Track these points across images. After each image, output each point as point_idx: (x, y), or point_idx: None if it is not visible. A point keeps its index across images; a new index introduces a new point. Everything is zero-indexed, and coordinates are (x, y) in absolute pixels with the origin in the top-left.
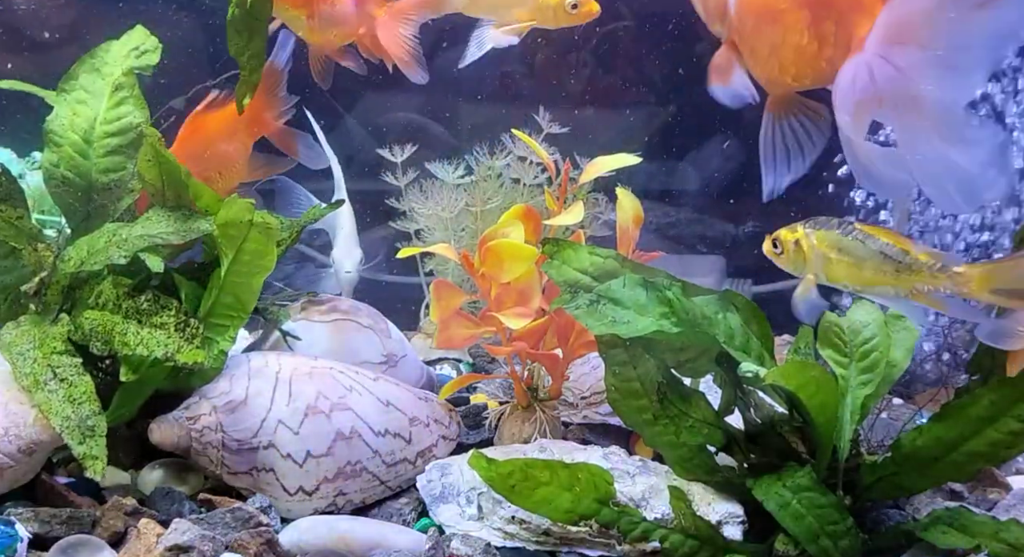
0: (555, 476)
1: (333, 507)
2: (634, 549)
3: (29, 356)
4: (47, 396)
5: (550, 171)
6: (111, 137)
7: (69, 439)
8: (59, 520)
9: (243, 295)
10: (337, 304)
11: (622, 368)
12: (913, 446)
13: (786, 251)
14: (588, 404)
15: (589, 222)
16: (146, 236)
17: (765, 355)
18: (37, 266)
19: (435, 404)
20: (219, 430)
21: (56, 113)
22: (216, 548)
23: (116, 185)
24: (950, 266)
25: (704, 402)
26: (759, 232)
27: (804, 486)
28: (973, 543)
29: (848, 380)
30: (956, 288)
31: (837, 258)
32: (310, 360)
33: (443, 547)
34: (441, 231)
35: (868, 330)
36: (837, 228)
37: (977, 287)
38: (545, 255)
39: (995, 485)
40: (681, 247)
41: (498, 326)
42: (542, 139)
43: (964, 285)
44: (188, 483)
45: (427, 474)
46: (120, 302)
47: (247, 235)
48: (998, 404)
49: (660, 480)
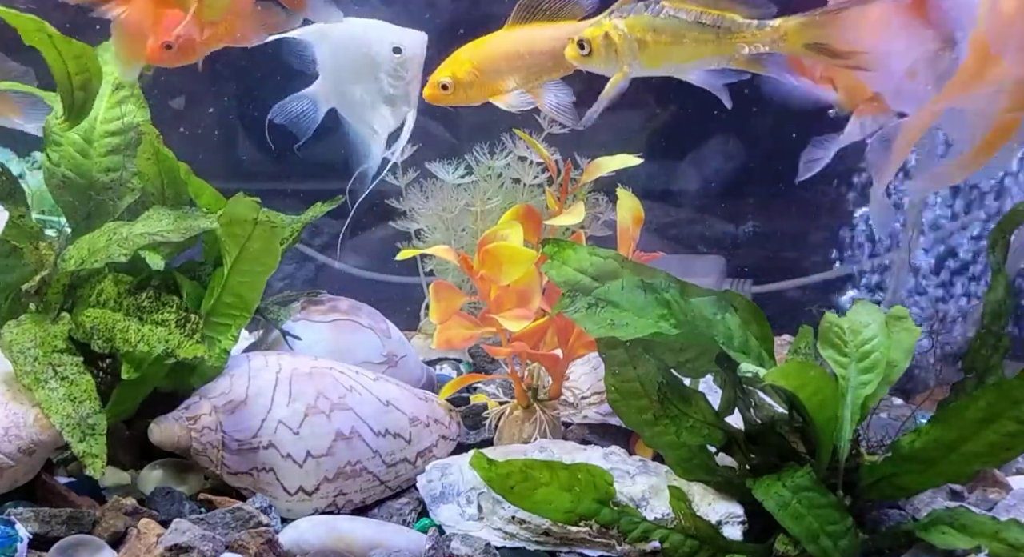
0: (555, 476)
1: (333, 507)
2: (634, 549)
3: (30, 354)
4: (48, 394)
5: (551, 171)
6: (111, 136)
7: (69, 437)
8: (59, 520)
9: (246, 294)
10: (337, 304)
11: (622, 368)
12: (912, 448)
13: (595, 48)
14: (588, 404)
15: (589, 222)
16: (147, 234)
17: (764, 355)
18: (38, 265)
19: (435, 404)
20: (219, 430)
21: (56, 113)
22: (216, 548)
23: (117, 184)
24: (766, 22)
25: (704, 402)
26: (759, 232)
27: (804, 486)
28: (973, 543)
29: (848, 380)
30: (774, 43)
31: (654, 39)
32: (310, 360)
33: (443, 547)
34: (441, 231)
35: (868, 330)
36: (645, 11)
37: (792, 41)
38: (545, 255)
39: (995, 485)
40: (681, 247)
41: (498, 327)
42: (542, 139)
43: (781, 39)
44: (188, 483)
45: (427, 474)
46: (121, 300)
47: (251, 233)
48: (995, 406)
49: (660, 480)
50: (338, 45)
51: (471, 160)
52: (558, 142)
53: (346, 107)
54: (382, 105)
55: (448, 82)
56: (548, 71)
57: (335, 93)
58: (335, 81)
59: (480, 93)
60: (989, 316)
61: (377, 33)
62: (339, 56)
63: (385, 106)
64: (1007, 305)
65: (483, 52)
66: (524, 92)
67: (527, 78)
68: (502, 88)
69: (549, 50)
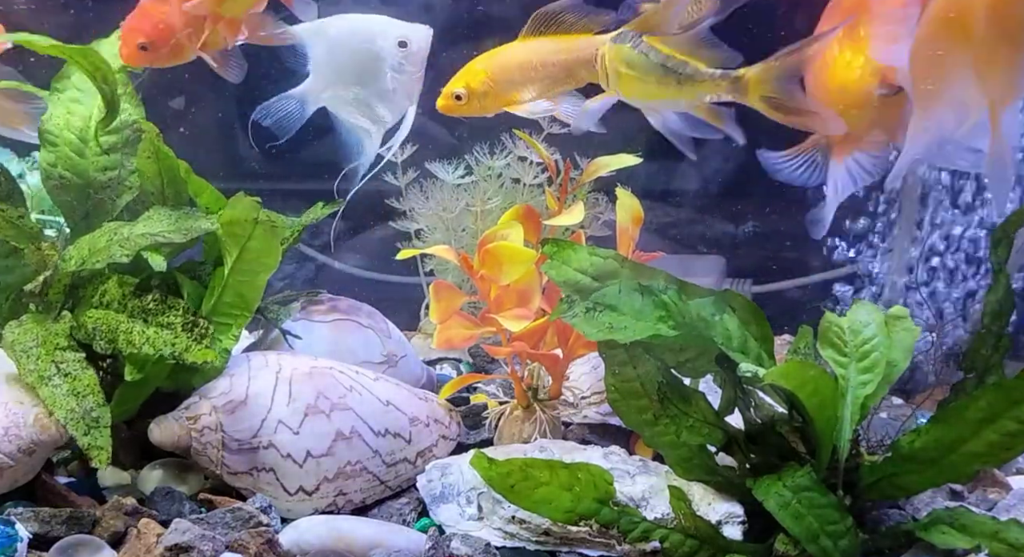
0: (555, 476)
1: (333, 507)
2: (634, 549)
3: (33, 353)
4: (51, 391)
5: (551, 170)
6: (107, 135)
7: (74, 430)
8: (59, 520)
9: (247, 293)
10: (337, 304)
11: (622, 368)
12: (912, 447)
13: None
14: (588, 404)
15: (589, 222)
16: (148, 235)
17: (764, 356)
18: (39, 265)
19: (435, 404)
20: (219, 430)
21: (51, 113)
22: (216, 548)
23: (114, 183)
24: (729, 73)
25: (704, 402)
26: (759, 232)
27: (804, 486)
28: (973, 543)
29: (848, 380)
30: (735, 94)
31: (627, 73)
32: (310, 360)
33: (443, 547)
34: (441, 231)
35: (868, 330)
36: (629, 41)
37: (752, 92)
38: (545, 255)
39: (995, 485)
40: (681, 247)
41: (498, 327)
42: (542, 139)
43: (743, 90)
44: (188, 483)
45: (427, 474)
46: (125, 301)
47: (251, 233)
48: (996, 406)
49: (660, 480)
50: (336, 41)
51: (471, 160)
52: (558, 142)
53: (340, 104)
54: (382, 100)
55: (462, 93)
56: (561, 83)
57: (328, 91)
58: (330, 78)
59: (494, 104)
60: (989, 316)
61: (382, 27)
62: (337, 52)
63: (385, 101)
64: (1008, 305)
65: (497, 63)
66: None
67: (541, 90)
68: (516, 99)
69: (563, 62)
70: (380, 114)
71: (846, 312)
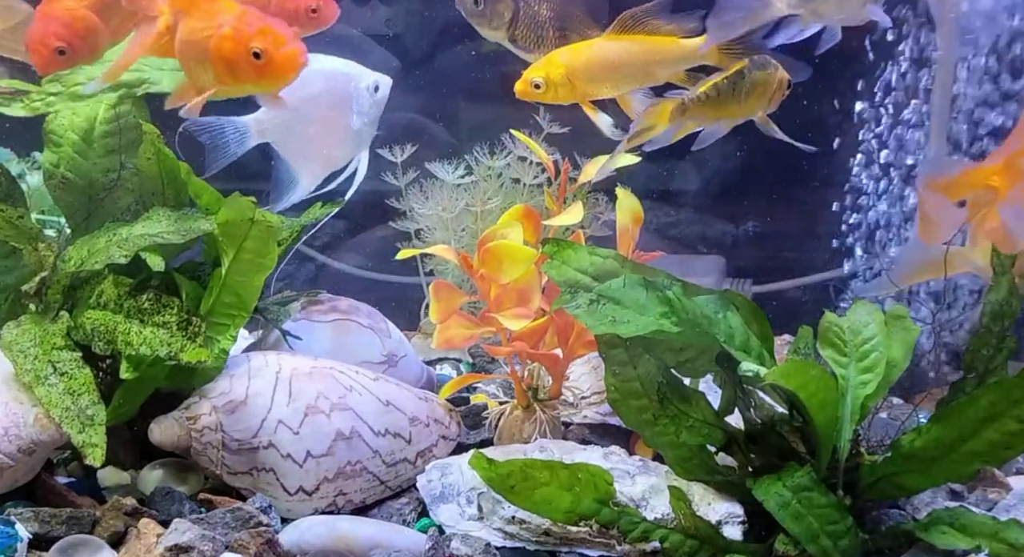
0: (555, 476)
1: (333, 507)
2: (634, 549)
3: (30, 353)
4: (47, 390)
5: (549, 171)
6: (110, 137)
7: (68, 428)
8: (59, 520)
9: (244, 294)
10: (337, 304)
11: (622, 368)
12: (912, 447)
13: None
14: (588, 404)
15: (589, 222)
16: (147, 235)
17: (765, 355)
18: (38, 266)
19: (435, 404)
20: (219, 430)
21: (55, 113)
22: (216, 548)
23: (116, 184)
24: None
25: (704, 402)
26: (759, 232)
27: (804, 486)
28: (973, 543)
29: (848, 380)
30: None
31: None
32: (310, 360)
33: (443, 547)
34: (441, 231)
35: (868, 330)
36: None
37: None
38: (545, 255)
39: (995, 485)
40: (681, 247)
41: (498, 326)
42: (542, 139)
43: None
44: (188, 483)
45: (427, 474)
46: (121, 302)
47: (248, 233)
48: (997, 405)
49: (660, 480)
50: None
51: (471, 160)
52: (558, 142)
53: (287, 140)
54: (341, 141)
55: (540, 81)
56: (637, 81)
57: (278, 126)
58: (286, 113)
59: (569, 96)
60: (989, 316)
61: (358, 70)
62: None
63: (344, 143)
64: (1010, 307)
65: (580, 58)
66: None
67: (617, 87)
68: (592, 94)
69: (642, 62)
70: (334, 155)
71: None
